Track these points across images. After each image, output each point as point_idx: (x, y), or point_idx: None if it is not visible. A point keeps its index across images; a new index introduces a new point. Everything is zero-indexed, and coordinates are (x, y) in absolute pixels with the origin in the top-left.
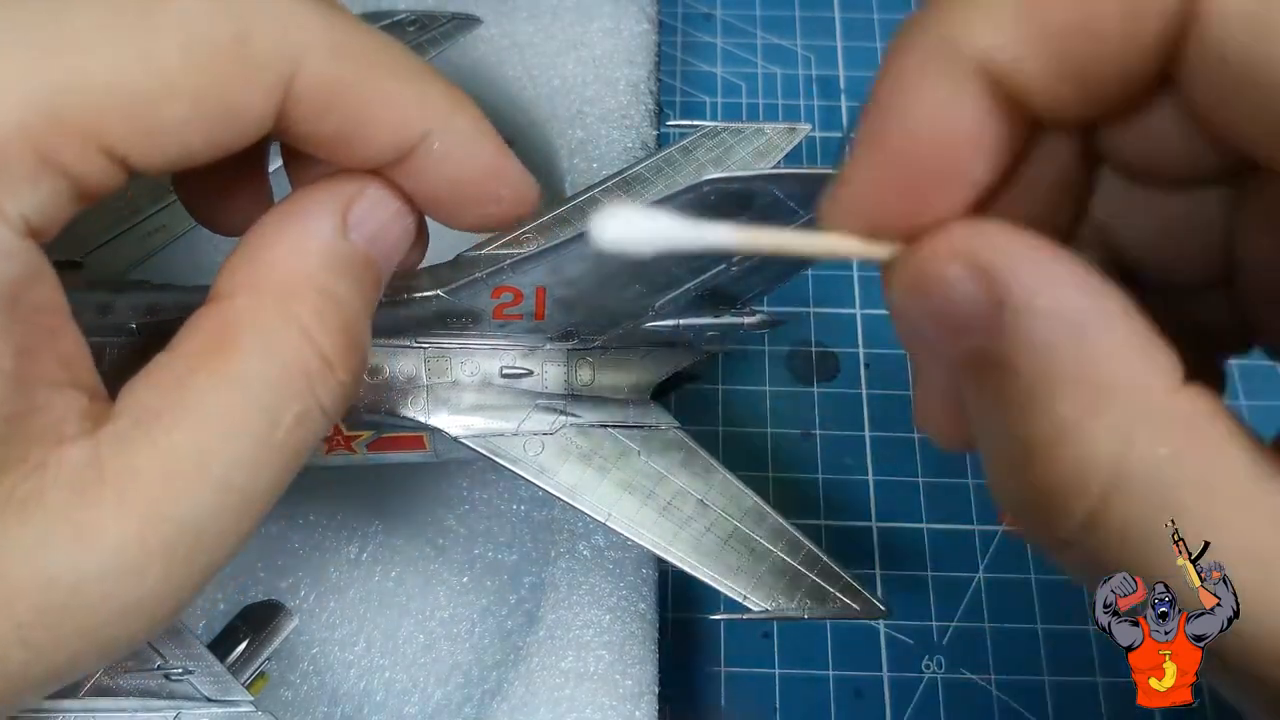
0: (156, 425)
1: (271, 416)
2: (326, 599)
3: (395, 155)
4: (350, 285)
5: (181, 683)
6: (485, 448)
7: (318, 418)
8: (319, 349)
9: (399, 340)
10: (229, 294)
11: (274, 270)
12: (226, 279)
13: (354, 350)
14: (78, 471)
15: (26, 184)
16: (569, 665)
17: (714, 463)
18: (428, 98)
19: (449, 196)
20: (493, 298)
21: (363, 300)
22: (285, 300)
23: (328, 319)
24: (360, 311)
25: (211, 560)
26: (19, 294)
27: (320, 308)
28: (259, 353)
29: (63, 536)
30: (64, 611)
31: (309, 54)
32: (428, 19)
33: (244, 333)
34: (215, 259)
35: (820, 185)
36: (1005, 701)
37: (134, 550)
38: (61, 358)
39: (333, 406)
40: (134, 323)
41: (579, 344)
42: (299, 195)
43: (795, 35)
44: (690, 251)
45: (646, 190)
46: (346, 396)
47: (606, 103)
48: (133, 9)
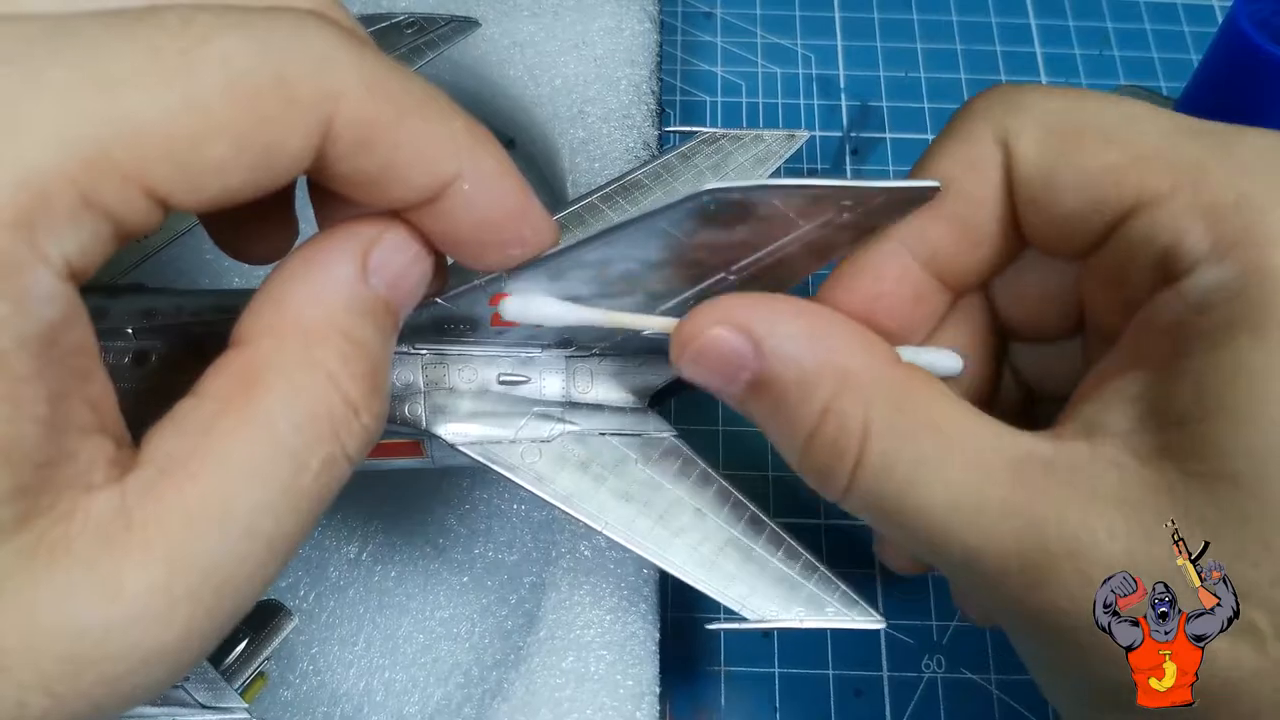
0: (182, 473)
1: (297, 462)
2: (326, 598)
3: (428, 195)
4: (372, 330)
5: (176, 689)
6: (482, 455)
7: (342, 462)
8: (344, 394)
9: (396, 347)
10: (253, 339)
11: (298, 316)
12: (250, 324)
13: (376, 394)
14: (105, 521)
15: (69, 226)
16: (569, 665)
17: (711, 471)
18: (457, 137)
19: (474, 237)
20: (491, 305)
21: (383, 344)
22: (310, 346)
23: (351, 364)
24: (381, 355)
25: (237, 606)
26: (57, 338)
27: (344, 353)
28: (285, 398)
29: (89, 586)
30: (89, 661)
31: (346, 94)
32: (426, 22)
33: (269, 378)
34: (211, 261)
35: (821, 197)
36: (1005, 701)
37: (160, 599)
38: (90, 402)
39: (357, 451)
40: (130, 327)
41: (577, 351)
42: (319, 240)
43: (795, 35)
44: (567, 325)
45: (645, 197)
46: (370, 440)
47: (608, 102)
48: (173, 49)
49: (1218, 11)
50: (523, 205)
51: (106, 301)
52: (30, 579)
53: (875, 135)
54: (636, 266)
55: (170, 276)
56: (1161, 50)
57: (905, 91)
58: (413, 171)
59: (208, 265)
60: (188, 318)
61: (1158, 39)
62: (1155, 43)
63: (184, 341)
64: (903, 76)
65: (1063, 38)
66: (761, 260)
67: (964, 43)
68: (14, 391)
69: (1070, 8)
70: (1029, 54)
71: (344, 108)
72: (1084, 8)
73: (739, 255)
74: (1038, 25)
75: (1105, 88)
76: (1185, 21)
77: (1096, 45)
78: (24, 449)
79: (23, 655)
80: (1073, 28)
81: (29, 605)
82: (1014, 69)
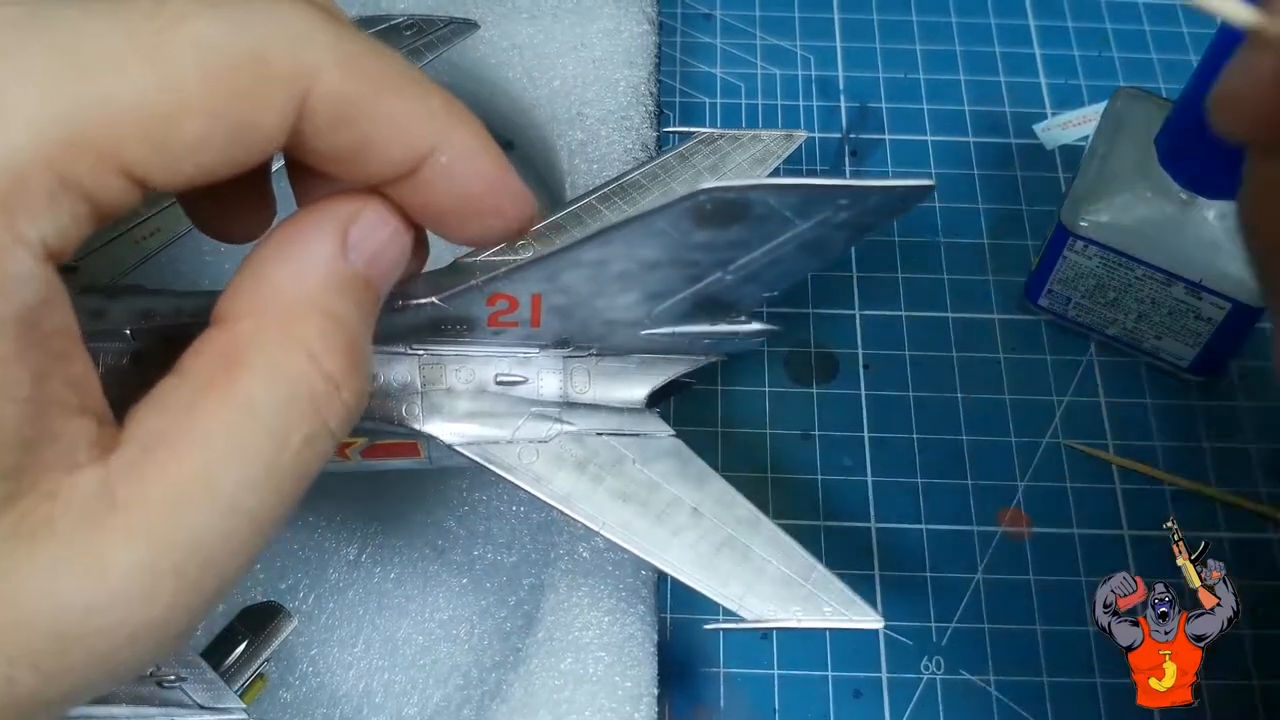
0: (166, 451)
1: (279, 439)
2: (325, 600)
3: (405, 170)
4: (351, 306)
5: (174, 690)
6: (480, 455)
7: (325, 439)
8: (324, 371)
9: (393, 347)
10: (233, 318)
11: (277, 294)
12: (229, 303)
13: (358, 371)
14: (88, 500)
15: (46, 208)
16: (568, 667)
17: (710, 470)
18: (434, 111)
19: (453, 210)
20: (488, 305)
21: (363, 320)
22: (290, 323)
23: (332, 341)
24: (362, 332)
25: (221, 582)
26: (37, 320)
27: (324, 330)
28: (266, 376)
29: (74, 565)
30: (75, 638)
31: (323, 70)
32: (425, 23)
33: (250, 357)
34: (211, 262)
35: (817, 195)
36: (1005, 702)
37: (144, 576)
38: (72, 382)
39: (339, 427)
40: (128, 328)
41: (575, 351)
42: (298, 218)
43: (795, 36)
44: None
45: (643, 197)
46: (352, 417)
47: (606, 104)
48: (147, 29)
49: None
50: (501, 177)
51: (105, 302)
52: (14, 559)
53: (875, 137)
54: (633, 266)
55: (169, 278)
56: (1160, 51)
57: (905, 93)
58: (390, 146)
59: (207, 267)
60: (187, 319)
61: (1157, 40)
62: (1154, 44)
63: (183, 342)
64: (902, 78)
65: (1062, 39)
66: (758, 260)
67: (963, 44)
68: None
69: (1069, 9)
70: (1028, 55)
71: (320, 84)
72: (1083, 9)
73: (736, 254)
74: (1037, 26)
75: (1104, 89)
76: (1184, 23)
77: (1095, 46)
78: (6, 430)
79: (9, 633)
80: (1072, 29)
81: (14, 585)
82: (1013, 70)
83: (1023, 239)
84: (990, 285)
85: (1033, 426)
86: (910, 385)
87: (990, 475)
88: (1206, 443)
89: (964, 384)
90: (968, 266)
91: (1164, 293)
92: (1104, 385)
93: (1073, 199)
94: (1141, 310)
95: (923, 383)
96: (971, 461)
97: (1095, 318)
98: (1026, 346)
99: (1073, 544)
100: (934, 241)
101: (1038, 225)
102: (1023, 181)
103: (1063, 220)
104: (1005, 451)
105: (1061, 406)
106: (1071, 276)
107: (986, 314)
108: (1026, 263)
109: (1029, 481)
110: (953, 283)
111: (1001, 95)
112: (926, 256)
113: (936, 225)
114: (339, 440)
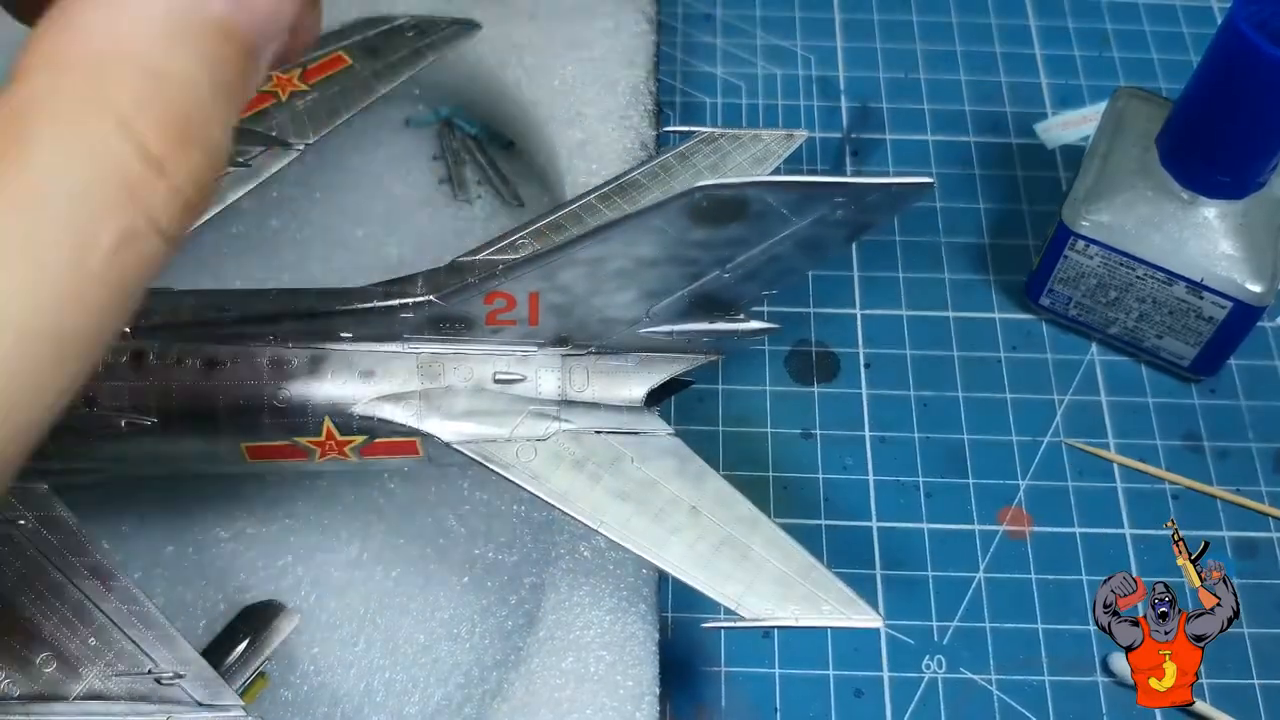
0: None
1: (82, 238)
2: (327, 599)
3: None
4: (194, 60)
5: (172, 687)
6: (478, 453)
7: (148, 235)
8: (140, 145)
9: (392, 345)
10: (27, 74)
11: (87, 40)
12: (26, 54)
13: (194, 146)
14: None
15: None
16: (569, 666)
17: (709, 469)
18: None
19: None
20: (486, 303)
21: (213, 81)
22: (96, 80)
23: (153, 105)
24: (207, 96)
25: (28, 420)
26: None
27: (141, 90)
28: (60, 153)
29: None
30: None
31: None
32: (427, 24)
33: (39, 127)
34: (212, 261)
35: (815, 193)
36: (1005, 701)
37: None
38: None
39: (168, 222)
40: (127, 326)
41: (573, 349)
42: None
43: (795, 36)
44: None
45: (643, 196)
46: (188, 209)
47: (606, 104)
48: None
49: (1216, 13)
50: None
51: None
52: None
53: (875, 136)
54: (631, 264)
55: (168, 277)
56: (1160, 51)
57: (905, 92)
58: None
59: (206, 265)
60: (186, 317)
61: (1157, 40)
62: (1154, 44)
63: (181, 341)
64: (903, 78)
65: (1062, 39)
66: (756, 257)
67: (964, 44)
68: None
69: (1070, 9)
70: (1028, 55)
71: None
72: (1083, 9)
73: (734, 252)
74: (1037, 27)
75: (1105, 88)
76: (1184, 23)
77: (1096, 46)
78: None
79: None
80: (1072, 29)
81: None
82: (1014, 70)
83: (1023, 239)
84: (991, 285)
85: (1034, 426)
86: (911, 384)
87: (991, 474)
88: (1207, 441)
89: (965, 383)
90: (968, 266)
91: (1165, 292)
92: (1105, 384)
93: (1074, 198)
94: (1142, 310)
95: (924, 382)
96: (972, 461)
97: (1096, 317)
98: (1027, 346)
99: (1074, 543)
100: (935, 241)
101: (1038, 225)
102: (1023, 181)
103: (1064, 220)
104: (1006, 451)
105: (1062, 406)
106: (1072, 276)
107: (987, 313)
108: (1027, 262)
109: (1030, 480)
110: (953, 282)
111: (1002, 95)
112: (927, 256)
113: (937, 225)
114: (172, 241)
